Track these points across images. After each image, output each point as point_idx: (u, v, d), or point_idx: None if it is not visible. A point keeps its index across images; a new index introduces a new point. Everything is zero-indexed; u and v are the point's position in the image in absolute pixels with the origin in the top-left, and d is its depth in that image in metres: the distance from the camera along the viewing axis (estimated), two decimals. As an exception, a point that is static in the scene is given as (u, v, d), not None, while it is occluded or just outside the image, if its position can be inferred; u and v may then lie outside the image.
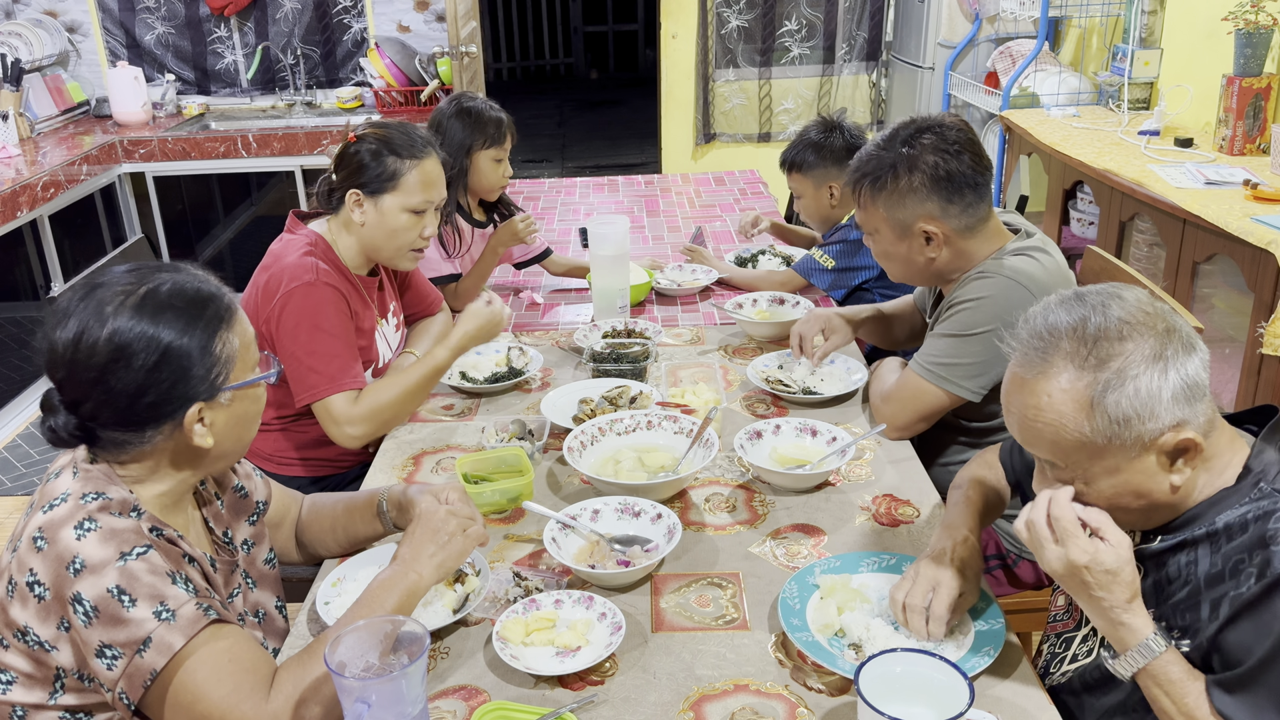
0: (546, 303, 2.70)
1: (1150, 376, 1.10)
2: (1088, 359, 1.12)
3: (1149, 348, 1.11)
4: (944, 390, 1.82)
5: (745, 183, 3.88)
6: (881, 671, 1.15)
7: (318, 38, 4.97)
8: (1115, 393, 1.11)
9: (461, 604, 1.42)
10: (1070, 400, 1.13)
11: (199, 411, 1.23)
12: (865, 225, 1.90)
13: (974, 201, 1.79)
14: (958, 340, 1.81)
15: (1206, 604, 1.15)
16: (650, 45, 10.66)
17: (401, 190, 1.98)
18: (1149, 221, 3.00)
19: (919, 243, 1.82)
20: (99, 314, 1.19)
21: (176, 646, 1.13)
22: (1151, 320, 1.13)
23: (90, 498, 1.18)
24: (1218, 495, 1.17)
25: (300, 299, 1.90)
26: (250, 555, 1.45)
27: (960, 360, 1.80)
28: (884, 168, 1.80)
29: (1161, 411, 1.11)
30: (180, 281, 1.25)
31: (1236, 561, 1.13)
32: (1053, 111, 3.90)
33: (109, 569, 1.13)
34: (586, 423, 1.82)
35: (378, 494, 1.57)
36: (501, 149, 2.59)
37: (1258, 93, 3.01)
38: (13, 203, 3.67)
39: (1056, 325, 1.15)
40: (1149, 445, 1.12)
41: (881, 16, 5.37)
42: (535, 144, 8.71)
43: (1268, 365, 2.45)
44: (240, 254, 5.04)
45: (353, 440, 1.92)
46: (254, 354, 1.31)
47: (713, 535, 1.61)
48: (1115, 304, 1.15)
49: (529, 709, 1.24)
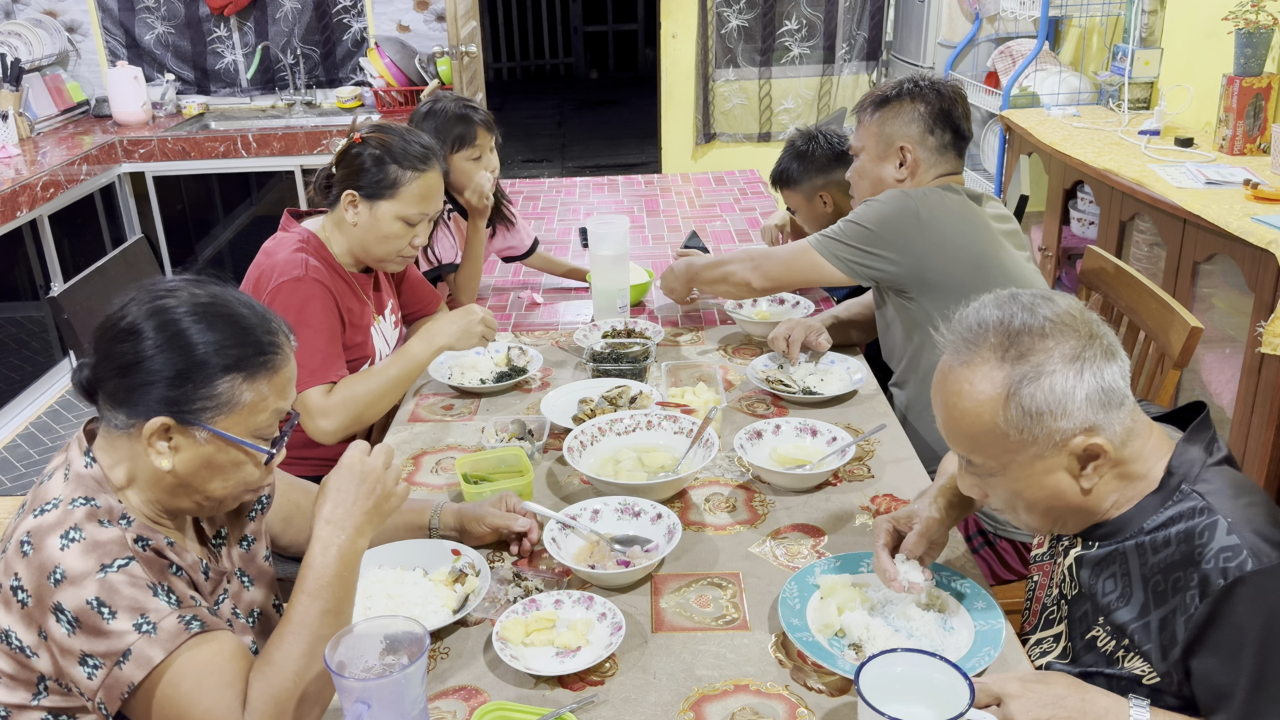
0: (546, 303, 2.70)
1: (1066, 375, 1.15)
2: (1009, 352, 1.17)
3: (1068, 348, 1.16)
4: (822, 258, 2.07)
5: (745, 183, 3.88)
6: (881, 671, 1.15)
7: (317, 37, 4.97)
8: (1031, 385, 1.15)
9: (461, 604, 1.42)
10: (988, 389, 1.17)
11: (166, 428, 1.19)
12: (856, 145, 2.16)
13: (949, 144, 2.07)
14: (845, 224, 2.07)
15: (1155, 621, 1.17)
16: (650, 45, 10.65)
17: (399, 200, 1.98)
18: (1149, 221, 2.99)
19: (893, 163, 2.08)
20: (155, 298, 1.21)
21: (156, 660, 1.12)
22: (1075, 324, 1.18)
23: (79, 502, 1.17)
24: (1144, 500, 1.21)
25: (286, 294, 1.91)
26: (250, 552, 1.44)
27: (846, 241, 2.05)
28: (894, 92, 2.08)
29: (1074, 411, 1.15)
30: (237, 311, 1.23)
31: (1175, 579, 1.16)
32: (1053, 111, 3.90)
33: (89, 580, 1.12)
34: (586, 423, 1.82)
35: (428, 508, 1.60)
36: (475, 148, 2.49)
37: (1258, 92, 3.01)
38: (12, 203, 3.66)
39: (986, 320, 1.20)
40: (1060, 445, 1.16)
41: (882, 16, 5.37)
42: (535, 144, 8.71)
43: (1268, 365, 2.45)
44: (240, 254, 5.04)
45: (325, 434, 1.91)
46: (265, 423, 1.24)
47: (713, 535, 1.61)
48: (1045, 305, 1.19)
49: (529, 709, 1.24)
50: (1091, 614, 1.27)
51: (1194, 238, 2.73)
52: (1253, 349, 2.48)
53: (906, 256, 2.00)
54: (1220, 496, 1.17)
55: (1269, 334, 2.36)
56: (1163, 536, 1.18)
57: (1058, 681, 1.17)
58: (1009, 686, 1.15)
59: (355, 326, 2.05)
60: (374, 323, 2.13)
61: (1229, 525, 1.13)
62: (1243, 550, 1.10)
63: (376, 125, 2.04)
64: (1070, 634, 1.31)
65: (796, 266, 2.13)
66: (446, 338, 2.04)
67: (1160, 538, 1.18)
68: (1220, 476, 1.20)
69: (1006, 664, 1.31)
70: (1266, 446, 2.51)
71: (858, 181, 2.18)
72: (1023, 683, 1.16)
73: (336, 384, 1.94)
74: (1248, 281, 2.50)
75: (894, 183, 2.09)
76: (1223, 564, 1.10)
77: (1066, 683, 1.17)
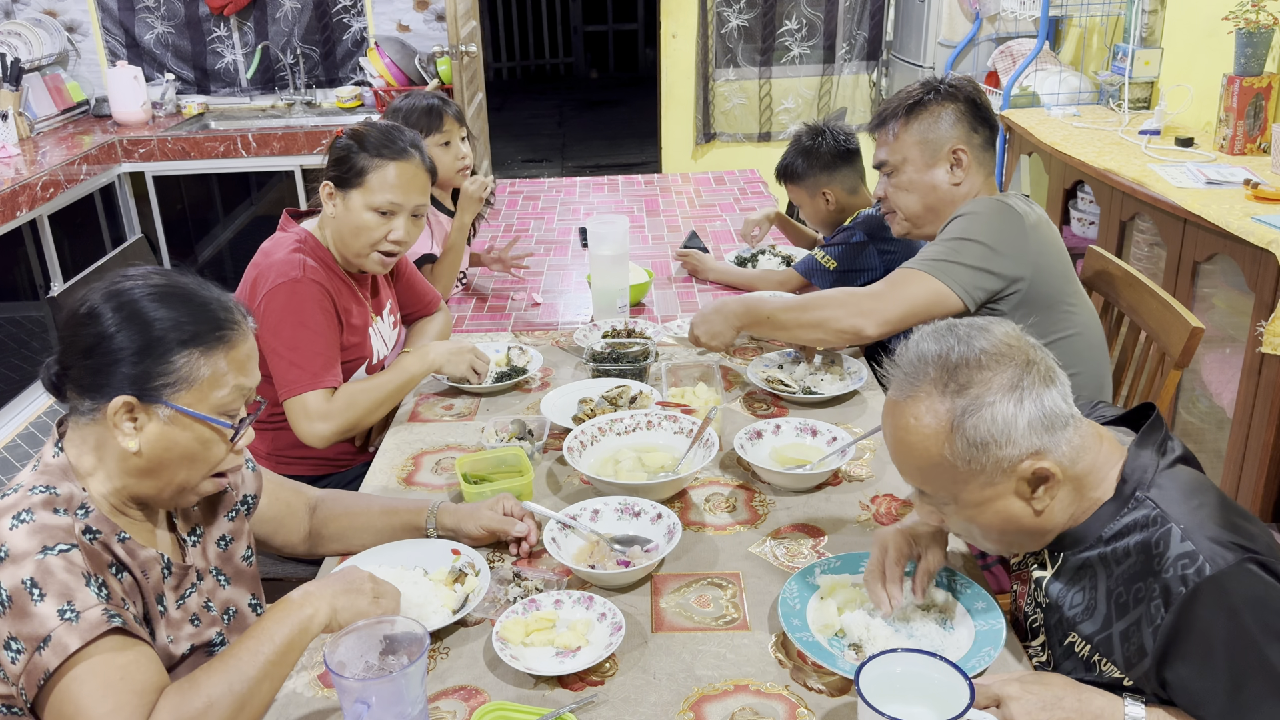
0: (546, 303, 2.70)
1: (1006, 404, 1.17)
2: (948, 385, 1.19)
3: (1006, 378, 1.18)
4: (939, 281, 1.84)
5: (745, 182, 3.88)
6: (882, 672, 1.15)
7: (317, 37, 4.97)
8: (973, 417, 1.17)
9: (461, 604, 1.42)
10: (933, 424, 1.19)
11: (129, 408, 1.21)
12: (892, 159, 2.00)
13: (989, 139, 1.98)
14: (954, 242, 1.86)
15: (1117, 633, 1.19)
16: (650, 45, 10.66)
17: (366, 187, 1.98)
18: (1149, 221, 2.99)
19: (946, 166, 1.95)
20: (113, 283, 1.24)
21: (71, 648, 1.10)
22: (1012, 353, 1.20)
23: (39, 490, 1.19)
24: (1100, 510, 1.23)
25: (285, 295, 1.91)
26: (227, 551, 1.44)
27: (958, 261, 1.84)
28: (922, 96, 1.96)
29: (1018, 438, 1.17)
30: (193, 291, 1.26)
31: (1136, 590, 1.17)
32: (1053, 111, 3.90)
33: (28, 560, 1.12)
34: (586, 423, 1.82)
35: (424, 509, 1.59)
36: (443, 133, 2.59)
37: (1258, 92, 3.01)
38: (12, 203, 3.66)
39: (925, 354, 1.22)
40: (1009, 471, 1.18)
41: (882, 16, 5.36)
42: (535, 143, 8.71)
43: (1268, 364, 2.45)
44: (239, 254, 5.03)
45: (319, 438, 1.92)
46: (227, 399, 1.25)
47: (713, 535, 1.61)
48: (980, 336, 1.21)
49: (529, 709, 1.23)
50: (1065, 624, 1.28)
51: (1194, 237, 2.73)
52: (1253, 349, 2.48)
53: (1024, 269, 1.84)
54: (1172, 503, 1.18)
55: (1269, 334, 2.36)
56: (1122, 548, 1.20)
57: (1056, 683, 1.17)
58: (1009, 688, 1.16)
59: (352, 327, 2.05)
60: (371, 323, 2.13)
61: (1182, 532, 1.14)
62: (1199, 556, 1.11)
63: (365, 121, 2.06)
64: (1049, 642, 1.33)
65: (915, 300, 1.85)
66: (439, 358, 2.07)
67: (1120, 549, 1.20)
68: (1172, 480, 1.21)
69: (1007, 664, 1.31)
70: (1267, 447, 2.51)
71: (903, 196, 2.01)
72: (1022, 684, 1.17)
73: (336, 390, 1.94)
74: (1248, 281, 2.50)
75: (948, 188, 1.96)
76: (1181, 572, 1.11)
77: (1064, 684, 1.17)
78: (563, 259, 3.03)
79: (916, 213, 2.02)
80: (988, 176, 2.00)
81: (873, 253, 2.54)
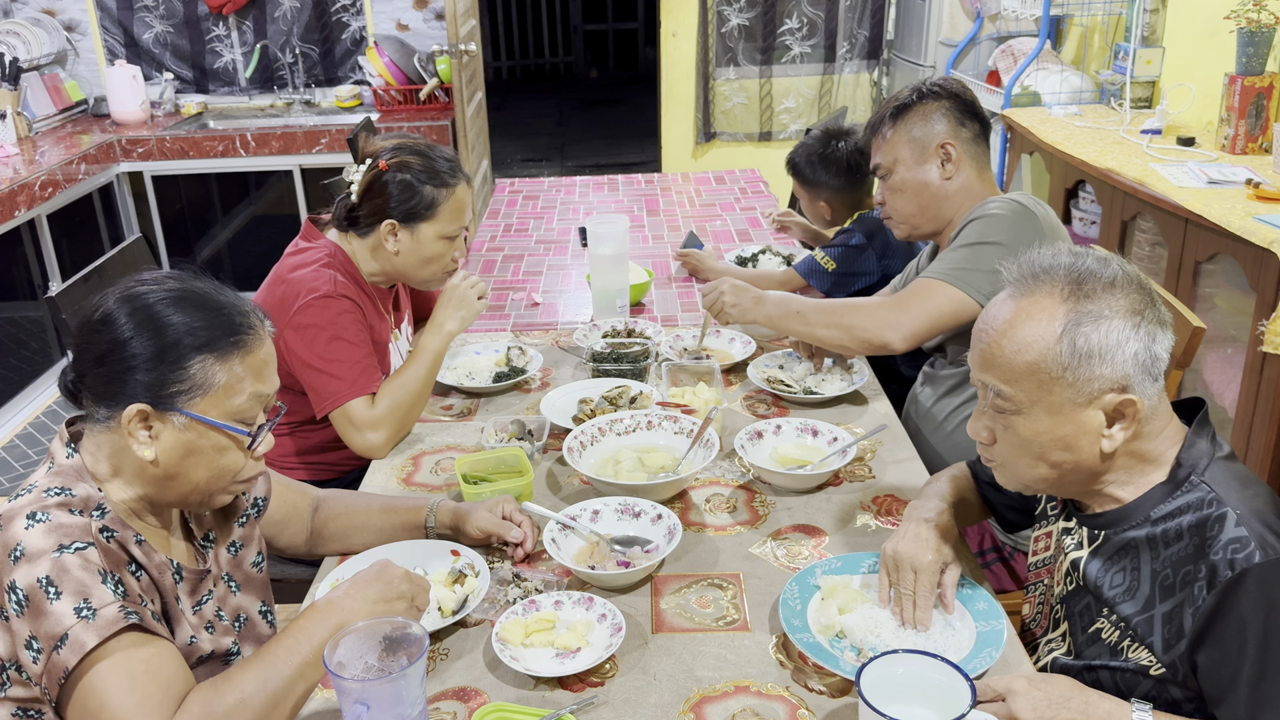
0: (546, 303, 2.70)
1: (1124, 326, 1.17)
2: (1074, 293, 1.19)
3: (1129, 303, 1.19)
4: (960, 291, 1.84)
5: (745, 182, 3.87)
6: (883, 672, 1.14)
7: (316, 36, 4.96)
8: (1089, 325, 1.17)
9: (461, 605, 1.41)
10: (1046, 321, 1.19)
11: (144, 416, 1.19)
12: (885, 161, 2.01)
13: (979, 134, 1.99)
14: (974, 248, 1.86)
15: (1159, 615, 1.18)
16: (650, 43, 10.65)
17: (439, 219, 1.98)
18: (1151, 221, 2.99)
19: (937, 162, 1.96)
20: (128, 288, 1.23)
21: (89, 646, 1.09)
22: (1140, 288, 1.21)
23: (53, 492, 1.18)
24: (1152, 490, 1.23)
25: (318, 310, 1.89)
26: (237, 558, 1.43)
27: (978, 267, 1.84)
28: (909, 98, 2.00)
29: (1120, 362, 1.17)
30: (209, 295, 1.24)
31: (1184, 573, 1.16)
32: (1054, 110, 3.89)
33: (44, 559, 1.11)
34: (586, 423, 1.82)
35: (424, 507, 1.58)
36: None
37: (1260, 92, 3.00)
38: (10, 202, 3.66)
39: (1056, 263, 1.23)
40: (1094, 396, 1.18)
41: (883, 15, 5.36)
42: (534, 143, 8.70)
43: (1269, 364, 2.45)
44: (239, 253, 5.03)
45: (375, 448, 1.89)
46: (244, 406, 1.24)
47: (713, 536, 1.61)
48: (1116, 264, 1.23)
49: (529, 710, 1.23)
50: (1095, 607, 1.27)
51: (1196, 237, 2.72)
52: (1254, 348, 2.47)
53: None
54: (1228, 488, 1.18)
55: (1270, 333, 2.36)
56: (1174, 529, 1.19)
57: (1062, 683, 1.17)
58: (1015, 684, 1.16)
59: (376, 343, 2.04)
60: (392, 339, 2.13)
61: (1238, 517, 1.14)
62: (1250, 542, 1.11)
63: (395, 148, 1.99)
64: (1071, 629, 1.32)
65: (938, 312, 1.85)
66: (453, 323, 2.03)
67: (1172, 530, 1.19)
68: (1226, 470, 1.21)
69: (1008, 665, 1.31)
70: (1268, 446, 2.50)
71: (897, 197, 2.01)
72: (1029, 680, 1.17)
73: (377, 395, 1.92)
74: (1249, 281, 2.50)
75: (940, 184, 1.97)
76: (1230, 555, 1.11)
77: (1070, 685, 1.17)
78: (562, 259, 3.03)
79: (912, 212, 2.01)
80: (982, 171, 2.00)
81: (871, 256, 2.54)
